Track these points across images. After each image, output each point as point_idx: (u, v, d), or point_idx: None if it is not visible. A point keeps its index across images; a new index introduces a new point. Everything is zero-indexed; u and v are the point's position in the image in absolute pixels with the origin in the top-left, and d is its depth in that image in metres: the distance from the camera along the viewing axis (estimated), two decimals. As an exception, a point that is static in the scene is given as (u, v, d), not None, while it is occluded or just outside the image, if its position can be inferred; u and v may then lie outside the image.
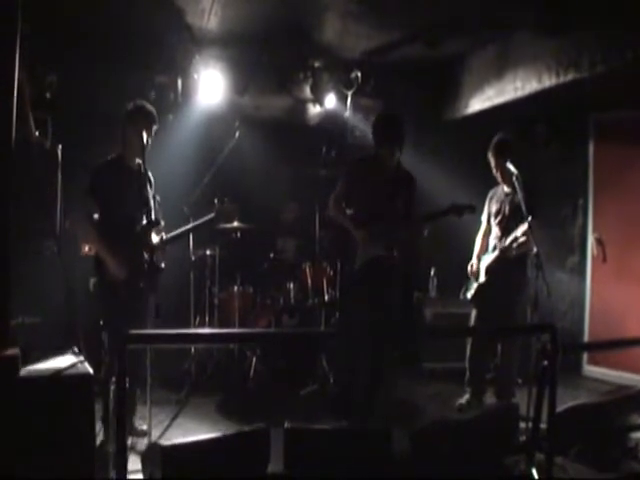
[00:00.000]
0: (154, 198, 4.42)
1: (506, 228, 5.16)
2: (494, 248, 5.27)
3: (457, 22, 5.77)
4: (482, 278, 5.32)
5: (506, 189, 5.26)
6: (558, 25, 5.29)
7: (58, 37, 5.55)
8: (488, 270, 5.29)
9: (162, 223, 4.49)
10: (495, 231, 5.33)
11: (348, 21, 5.81)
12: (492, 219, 5.38)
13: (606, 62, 5.06)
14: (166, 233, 4.56)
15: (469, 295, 5.44)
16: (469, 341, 5.44)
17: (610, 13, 4.96)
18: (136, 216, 4.22)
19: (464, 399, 5.38)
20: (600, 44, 5.09)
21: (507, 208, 5.22)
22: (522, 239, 4.95)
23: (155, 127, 4.38)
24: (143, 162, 4.26)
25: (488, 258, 5.31)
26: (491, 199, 5.46)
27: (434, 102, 7.39)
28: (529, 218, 4.62)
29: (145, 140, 4.21)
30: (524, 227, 4.76)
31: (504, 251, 5.13)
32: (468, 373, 5.42)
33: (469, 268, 5.43)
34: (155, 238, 4.38)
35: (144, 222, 4.20)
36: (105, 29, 5.68)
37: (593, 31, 5.13)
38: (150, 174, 4.51)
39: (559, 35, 5.41)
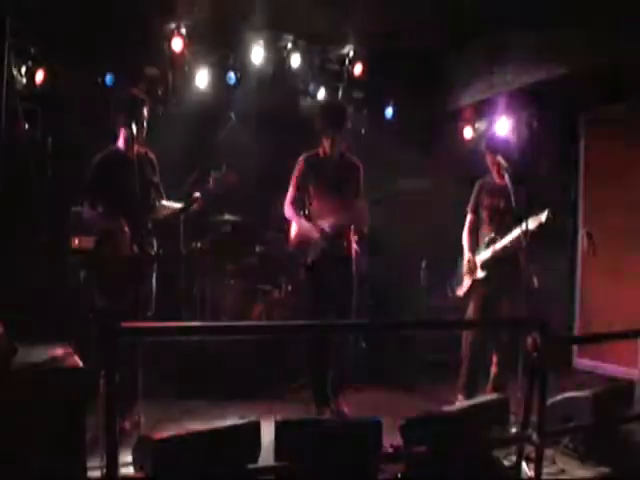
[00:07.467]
0: (151, 182, 4.39)
1: (501, 225, 4.99)
2: (488, 243, 5.08)
3: (446, 18, 5.77)
4: (480, 274, 5.13)
5: (498, 181, 5.05)
6: (548, 22, 5.30)
7: (47, 28, 5.51)
8: (484, 266, 5.10)
9: (160, 203, 4.54)
10: (488, 225, 5.15)
11: (338, 13, 5.79)
12: (482, 211, 5.21)
13: (595, 58, 5.08)
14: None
15: (460, 292, 5.28)
16: (467, 342, 5.17)
17: (598, 11, 4.98)
18: (138, 204, 4.16)
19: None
20: (588, 40, 5.11)
21: (502, 203, 5.03)
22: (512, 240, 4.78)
23: (146, 110, 4.40)
24: (138, 148, 4.31)
25: (484, 254, 5.10)
26: (480, 190, 5.26)
27: (424, 95, 7.36)
28: (524, 227, 4.50)
29: (137, 128, 4.24)
30: (518, 232, 4.60)
31: (497, 253, 4.94)
32: (465, 377, 5.14)
33: (466, 264, 5.22)
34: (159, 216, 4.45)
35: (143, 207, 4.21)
36: (95, 20, 5.64)
37: (581, 28, 5.15)
38: (151, 155, 4.56)
39: (548, 31, 5.42)
